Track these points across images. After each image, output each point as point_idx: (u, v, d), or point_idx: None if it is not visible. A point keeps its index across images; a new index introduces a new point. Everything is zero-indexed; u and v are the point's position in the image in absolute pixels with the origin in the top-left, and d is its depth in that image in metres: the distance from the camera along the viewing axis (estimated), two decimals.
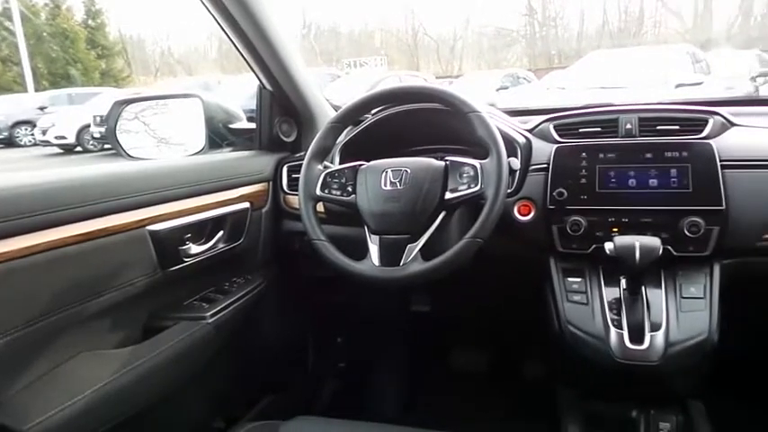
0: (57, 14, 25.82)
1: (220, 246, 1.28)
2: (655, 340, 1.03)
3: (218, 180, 1.30)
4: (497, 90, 9.50)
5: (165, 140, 1.53)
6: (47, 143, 13.13)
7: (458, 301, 1.62)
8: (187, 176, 1.23)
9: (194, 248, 1.21)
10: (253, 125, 1.56)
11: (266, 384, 1.59)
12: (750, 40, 15.92)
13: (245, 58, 1.39)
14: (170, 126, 1.53)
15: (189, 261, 1.18)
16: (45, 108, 14.57)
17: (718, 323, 1.06)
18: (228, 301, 1.28)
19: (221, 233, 1.28)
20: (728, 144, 1.15)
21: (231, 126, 1.62)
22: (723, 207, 1.09)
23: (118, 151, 1.45)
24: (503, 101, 8.33)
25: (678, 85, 6.41)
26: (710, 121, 1.19)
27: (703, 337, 1.04)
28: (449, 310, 1.68)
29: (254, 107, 1.54)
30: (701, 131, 1.18)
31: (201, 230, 1.25)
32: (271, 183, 1.47)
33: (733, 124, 1.21)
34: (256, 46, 1.34)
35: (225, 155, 1.51)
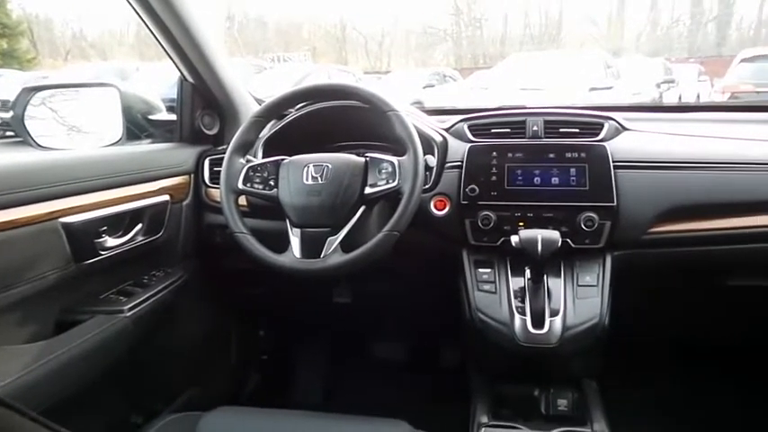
0: None
1: (139, 239, 1.27)
2: (553, 325, 1.13)
3: (136, 172, 1.28)
4: (424, 87, 9.65)
5: (79, 130, 1.48)
6: None
7: (378, 292, 1.67)
8: (103, 168, 1.20)
9: (111, 241, 1.19)
10: (173, 117, 1.54)
11: (187, 377, 1.58)
12: (657, 48, 17.09)
13: (164, 49, 1.37)
14: (85, 115, 1.48)
15: (105, 254, 1.16)
16: None
17: (609, 308, 1.17)
18: (147, 295, 1.26)
19: (140, 226, 1.27)
20: (620, 147, 1.26)
21: (151, 117, 1.59)
22: (614, 204, 1.20)
23: (25, 139, 1.39)
24: (429, 98, 8.50)
25: (591, 89, 6.80)
26: (606, 126, 1.30)
27: (595, 321, 1.15)
28: (369, 302, 1.73)
29: (174, 96, 1.52)
30: (598, 134, 1.29)
31: (119, 223, 1.23)
32: (192, 176, 1.46)
33: (625, 129, 1.33)
34: (176, 37, 1.32)
35: (144, 146, 1.48)
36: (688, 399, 1.65)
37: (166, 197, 1.35)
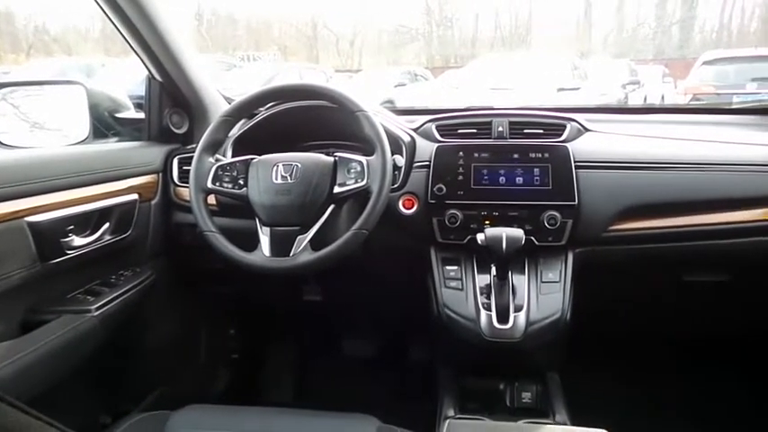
0: None
1: (107, 238, 1.26)
2: (518, 320, 1.17)
3: (103, 171, 1.27)
4: (395, 86, 9.68)
5: (43, 127, 1.46)
6: None
7: (348, 290, 1.69)
8: (70, 166, 1.19)
9: (78, 240, 1.18)
10: (141, 115, 1.53)
11: (157, 377, 1.57)
12: (623, 50, 17.46)
13: (131, 47, 1.36)
14: (50, 113, 1.46)
15: (72, 253, 1.15)
16: None
17: (570, 303, 1.21)
18: (115, 294, 1.26)
19: (107, 225, 1.26)
20: (582, 147, 1.31)
21: (118, 115, 1.57)
22: (576, 203, 1.24)
23: None
24: (400, 97, 8.54)
25: (559, 90, 6.93)
26: (568, 127, 1.34)
27: (557, 315, 1.19)
28: (340, 299, 1.75)
29: (143, 93, 1.51)
30: (561, 135, 1.33)
31: (86, 222, 1.22)
32: (161, 174, 1.46)
33: (587, 130, 1.38)
34: (143, 34, 1.32)
35: (111, 145, 1.47)
36: (647, 389, 1.72)
37: (134, 196, 1.34)
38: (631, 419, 1.05)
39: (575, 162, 1.27)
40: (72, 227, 1.16)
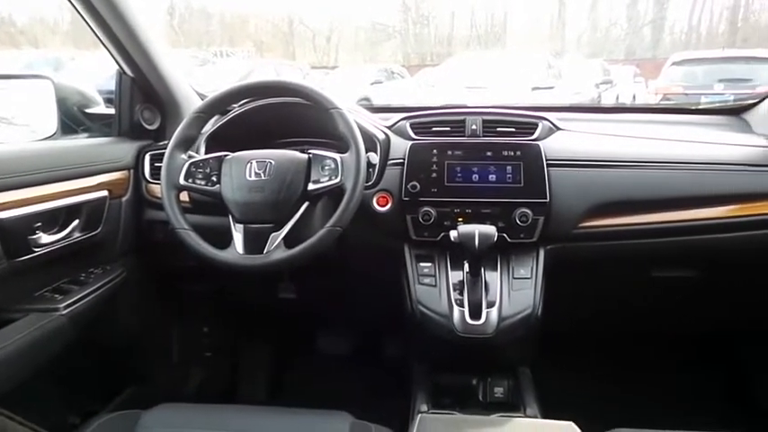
0: None
1: (76, 235, 1.24)
2: (490, 315, 1.18)
3: (72, 167, 1.25)
4: (372, 84, 9.68)
5: (9, 122, 1.43)
6: None
7: (323, 287, 1.69)
8: (37, 162, 1.17)
9: (46, 238, 1.15)
10: (112, 110, 1.51)
11: (128, 376, 1.55)
12: (596, 50, 17.74)
13: (101, 41, 1.34)
14: (16, 108, 1.43)
15: (39, 251, 1.13)
16: None
17: (542, 299, 1.23)
18: (85, 292, 1.24)
19: (77, 222, 1.24)
20: (553, 146, 1.33)
21: (87, 111, 1.54)
22: (547, 200, 1.26)
23: None
24: (377, 95, 8.54)
25: (534, 88, 7.02)
26: (540, 125, 1.36)
27: (529, 311, 1.21)
28: (314, 297, 1.75)
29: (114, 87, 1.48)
30: (533, 134, 1.35)
31: (54, 219, 1.20)
32: (132, 171, 1.44)
33: (558, 128, 1.40)
34: (113, 28, 1.29)
35: (80, 141, 1.45)
36: (616, 383, 1.75)
37: (105, 193, 1.32)
38: (600, 413, 1.07)
39: (546, 160, 1.29)
40: (40, 224, 1.14)
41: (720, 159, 1.31)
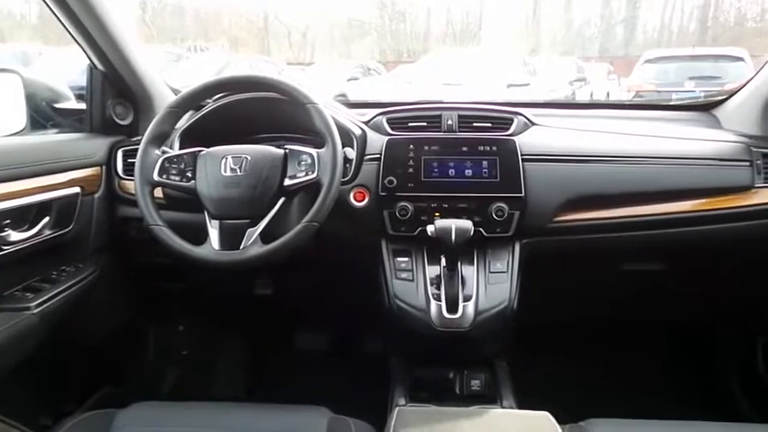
0: None
1: (46, 232, 1.21)
2: (467, 309, 1.19)
3: (42, 163, 1.22)
4: (348, 80, 9.66)
5: None
6: None
7: (300, 283, 1.68)
8: (5, 158, 1.14)
9: (15, 235, 1.13)
10: (83, 105, 1.48)
11: (102, 375, 1.53)
12: (570, 48, 17.95)
13: (71, 34, 1.31)
14: None
15: (8, 249, 1.11)
16: None
17: (517, 293, 1.25)
18: (56, 291, 1.22)
19: (47, 219, 1.21)
20: (528, 141, 1.34)
21: (57, 106, 1.51)
22: (522, 194, 1.28)
23: None
24: (353, 91, 8.52)
25: (509, 85, 7.09)
26: (515, 121, 1.38)
27: (505, 304, 1.23)
28: (291, 293, 1.74)
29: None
30: (508, 129, 1.36)
31: (23, 216, 1.17)
32: (104, 167, 1.41)
33: (533, 124, 1.41)
34: (83, 21, 1.27)
35: (50, 136, 1.42)
36: (593, 374, 1.79)
37: (76, 189, 1.30)
38: (577, 403, 1.09)
39: (521, 155, 1.30)
40: (8, 221, 1.11)
41: (690, 154, 1.34)
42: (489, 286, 1.25)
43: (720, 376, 1.78)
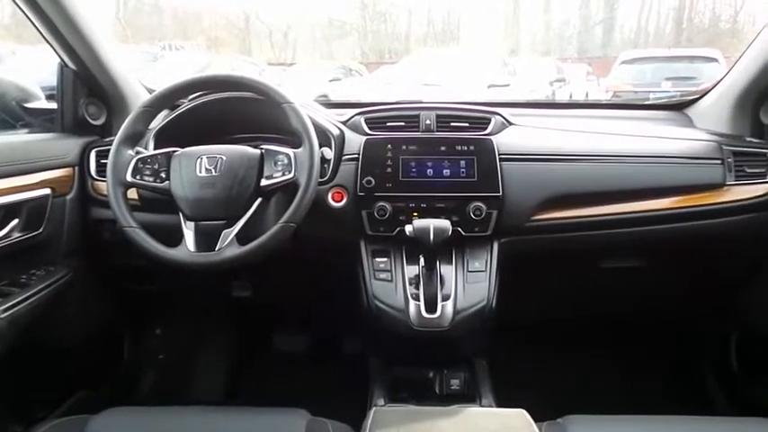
0: None
1: (15, 235, 1.18)
2: (445, 309, 1.19)
3: (10, 164, 1.19)
4: (330, 81, 9.62)
5: None
6: None
7: (278, 285, 1.67)
8: None
9: None
10: (54, 105, 1.45)
11: (76, 380, 1.50)
12: (549, 48, 18.11)
13: (40, 32, 1.28)
14: None
15: None
16: None
17: (496, 292, 1.25)
18: (25, 295, 1.19)
19: (16, 221, 1.18)
20: (506, 140, 1.35)
21: (27, 105, 1.48)
22: (500, 194, 1.28)
23: None
24: (335, 92, 8.49)
25: (490, 86, 7.12)
26: (492, 120, 1.38)
27: (483, 303, 1.23)
28: (270, 294, 1.73)
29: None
30: (486, 129, 1.37)
31: None
32: (76, 168, 1.39)
33: (511, 123, 1.42)
34: (52, 19, 1.24)
35: (19, 136, 1.39)
36: (573, 372, 1.80)
37: (47, 191, 1.27)
38: (556, 400, 1.10)
39: (499, 154, 1.31)
40: None
41: (664, 153, 1.36)
42: (468, 285, 1.25)
43: (696, 372, 1.81)
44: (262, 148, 1.16)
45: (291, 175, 1.12)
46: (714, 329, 1.76)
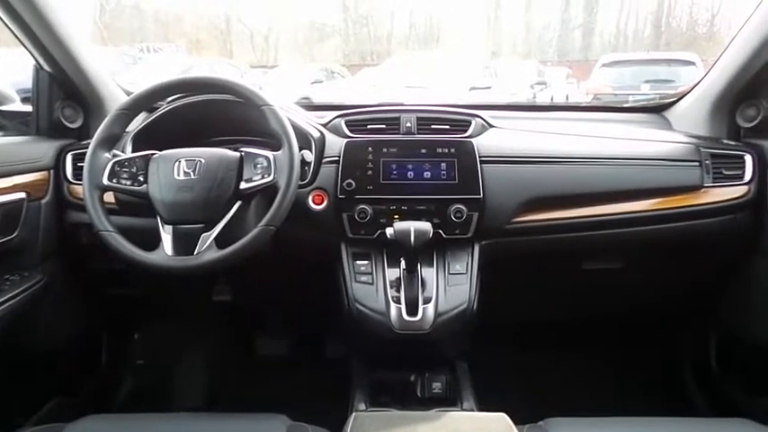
0: None
1: None
2: (426, 312, 1.19)
3: None
4: (312, 83, 9.59)
5: None
6: None
7: (259, 288, 1.66)
8: None
9: None
10: (29, 107, 1.42)
11: (52, 387, 1.47)
12: (530, 51, 18.27)
13: (13, 33, 1.26)
14: None
15: None
16: None
17: (477, 294, 1.25)
18: None
19: None
20: (486, 143, 1.35)
21: (1, 108, 1.45)
22: (480, 196, 1.28)
23: None
24: (317, 94, 8.47)
25: (472, 88, 7.16)
26: (473, 123, 1.39)
27: (464, 306, 1.23)
28: (251, 298, 1.71)
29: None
30: (466, 131, 1.37)
31: None
32: (52, 171, 1.36)
33: (492, 126, 1.43)
34: (26, 20, 1.22)
35: None
36: (555, 374, 1.81)
37: (21, 194, 1.25)
38: (537, 403, 1.10)
39: (479, 157, 1.31)
40: None
41: (642, 155, 1.37)
42: (449, 288, 1.25)
43: (677, 373, 1.83)
44: (241, 151, 1.16)
45: (271, 177, 1.11)
46: (694, 330, 1.78)
